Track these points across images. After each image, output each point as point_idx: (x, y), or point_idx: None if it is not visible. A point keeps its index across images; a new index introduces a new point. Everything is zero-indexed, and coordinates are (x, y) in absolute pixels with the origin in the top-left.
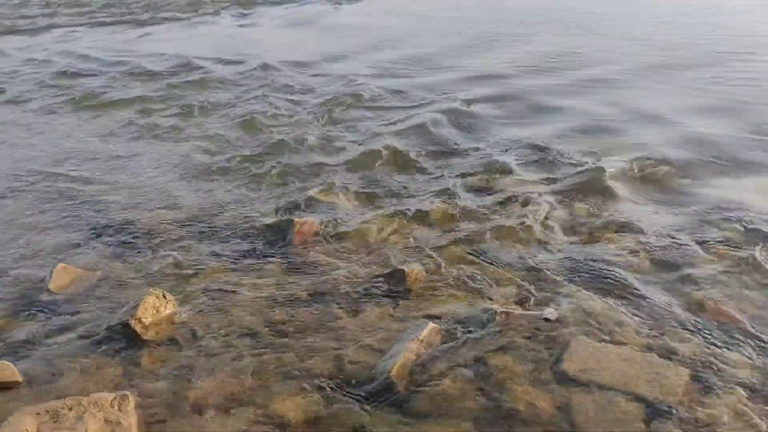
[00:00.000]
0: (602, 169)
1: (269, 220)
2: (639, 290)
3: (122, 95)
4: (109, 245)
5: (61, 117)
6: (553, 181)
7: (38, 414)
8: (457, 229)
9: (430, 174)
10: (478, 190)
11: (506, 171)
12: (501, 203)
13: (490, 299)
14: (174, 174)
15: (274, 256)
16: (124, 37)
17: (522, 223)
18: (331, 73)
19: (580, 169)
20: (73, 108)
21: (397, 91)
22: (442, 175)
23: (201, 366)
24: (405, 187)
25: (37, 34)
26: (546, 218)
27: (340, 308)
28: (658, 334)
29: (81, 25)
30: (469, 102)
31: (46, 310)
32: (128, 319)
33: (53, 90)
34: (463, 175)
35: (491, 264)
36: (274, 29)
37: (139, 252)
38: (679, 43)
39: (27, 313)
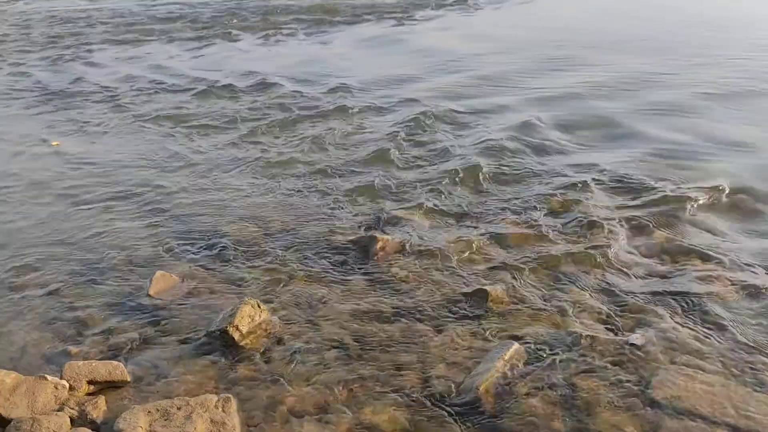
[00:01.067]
0: (681, 196)
1: (352, 236)
2: (725, 318)
3: (207, 111)
4: (202, 254)
5: (149, 131)
6: (632, 206)
7: (149, 412)
8: (536, 250)
9: (506, 195)
10: (556, 213)
11: (583, 195)
12: (579, 227)
13: (573, 322)
14: (259, 188)
15: (358, 271)
16: (207, 53)
17: (602, 248)
18: (403, 94)
19: (658, 195)
20: (160, 122)
21: (469, 112)
22: (519, 197)
23: (294, 374)
24: (482, 207)
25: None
26: (626, 243)
27: (425, 324)
28: (746, 364)
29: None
30: (541, 124)
31: (147, 314)
32: (226, 326)
33: (143, 103)
34: (539, 197)
35: (572, 287)
36: (346, 49)
37: (229, 262)
38: (761, 70)
39: (131, 316)
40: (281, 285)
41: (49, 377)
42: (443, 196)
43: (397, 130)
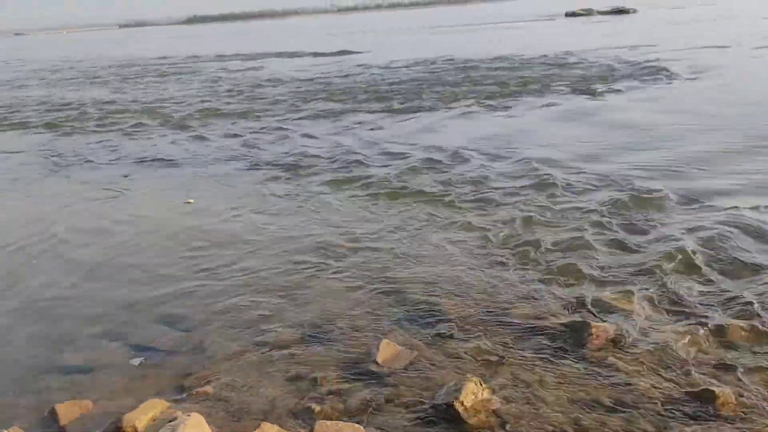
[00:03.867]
0: None
1: (561, 319)
2: None
3: (404, 184)
4: (419, 326)
5: (353, 204)
6: None
7: None
8: (766, 350)
9: (726, 287)
10: None
11: None
12: None
13: None
14: (466, 264)
15: (572, 357)
16: (399, 126)
17: None
18: (600, 171)
19: None
20: (365, 195)
21: (676, 193)
22: (741, 290)
23: None
24: (700, 298)
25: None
26: None
27: (648, 421)
28: None
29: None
30: (761, 212)
31: (375, 381)
32: (453, 401)
33: (345, 175)
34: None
35: None
36: (537, 123)
37: (444, 336)
38: None
39: (361, 380)
40: (496, 363)
41: None
42: (656, 284)
43: (598, 209)
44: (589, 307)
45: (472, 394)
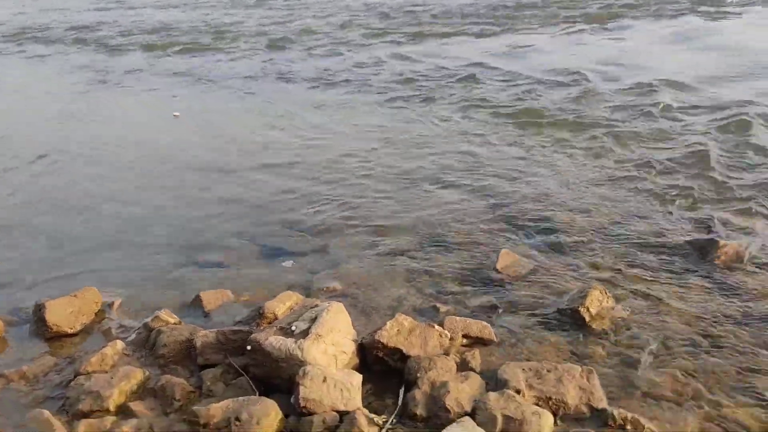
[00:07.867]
0: None
1: (683, 237)
2: None
3: (529, 104)
4: (535, 239)
5: (469, 123)
6: None
7: (524, 369)
8: None
9: None
10: None
11: None
12: None
13: None
14: (585, 182)
15: (695, 273)
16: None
17: None
18: (719, 96)
19: None
20: (481, 115)
21: None
22: None
23: (645, 360)
24: None
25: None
26: None
27: None
28: None
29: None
30: None
31: (497, 286)
32: (578, 306)
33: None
34: None
35: None
36: (647, 45)
37: (561, 249)
38: None
39: (482, 285)
40: (617, 277)
41: (435, 326)
42: None
43: (716, 130)
44: (712, 225)
45: (597, 301)
